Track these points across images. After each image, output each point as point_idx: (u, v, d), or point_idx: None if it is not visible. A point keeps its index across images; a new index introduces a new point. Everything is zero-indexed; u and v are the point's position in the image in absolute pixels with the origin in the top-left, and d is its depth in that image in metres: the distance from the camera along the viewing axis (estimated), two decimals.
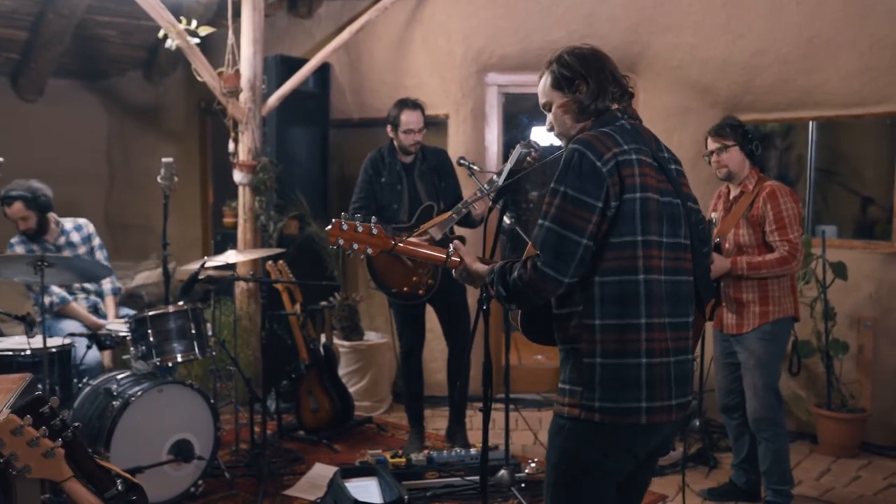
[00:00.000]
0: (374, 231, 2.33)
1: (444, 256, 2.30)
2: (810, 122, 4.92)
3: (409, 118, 4.35)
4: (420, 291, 4.27)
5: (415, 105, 4.40)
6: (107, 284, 4.74)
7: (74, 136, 7.11)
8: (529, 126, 6.72)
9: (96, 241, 4.76)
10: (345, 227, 2.33)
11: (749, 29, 4.89)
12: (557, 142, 2.28)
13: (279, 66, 5.52)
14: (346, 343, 5.29)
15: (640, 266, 1.98)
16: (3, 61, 6.53)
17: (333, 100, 6.01)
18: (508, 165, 2.54)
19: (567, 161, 1.99)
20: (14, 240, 4.55)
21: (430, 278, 4.25)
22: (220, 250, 5.77)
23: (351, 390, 5.05)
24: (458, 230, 4.34)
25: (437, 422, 5.04)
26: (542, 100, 2.23)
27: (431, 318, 4.65)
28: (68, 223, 4.70)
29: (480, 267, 2.23)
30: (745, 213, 3.69)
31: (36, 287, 4.26)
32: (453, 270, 2.31)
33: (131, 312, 4.55)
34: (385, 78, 5.76)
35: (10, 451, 1.77)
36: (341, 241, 2.33)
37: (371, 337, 5.49)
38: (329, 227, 2.33)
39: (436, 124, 5.57)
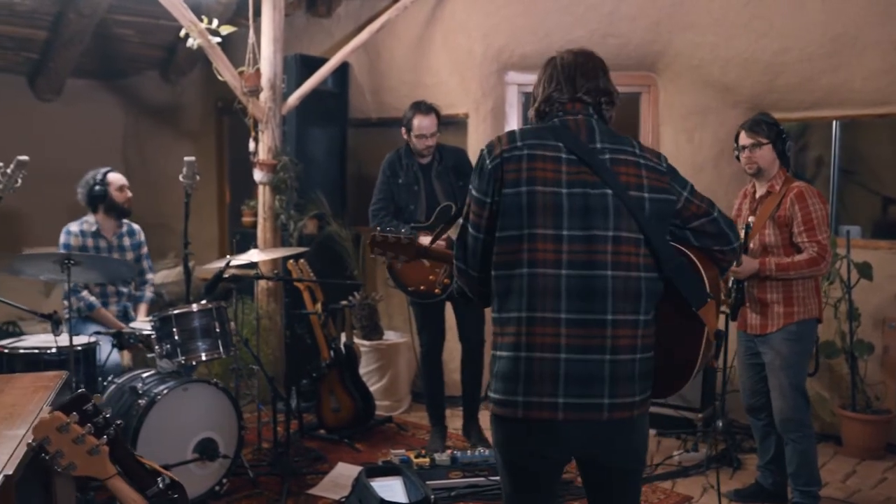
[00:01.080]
0: (405, 240, 2.54)
1: None
2: (834, 122, 4.89)
3: (421, 123, 4.36)
4: (436, 290, 4.27)
5: (428, 110, 4.39)
6: (148, 292, 4.75)
7: (91, 135, 7.12)
8: None
9: (144, 249, 4.78)
10: (378, 238, 2.54)
11: (772, 27, 4.86)
12: None
13: (299, 66, 5.52)
14: (365, 342, 5.28)
15: (525, 259, 1.98)
16: (22, 61, 6.55)
17: (352, 99, 6.01)
18: None
19: (476, 161, 2.12)
20: (73, 227, 4.52)
21: (446, 277, 4.27)
22: (239, 250, 5.78)
23: (371, 390, 5.05)
24: None
25: (456, 421, 5.02)
26: None
27: (451, 317, 4.65)
28: (125, 225, 4.70)
29: None
30: (772, 214, 3.67)
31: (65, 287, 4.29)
32: None
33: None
34: (404, 77, 5.75)
35: (55, 449, 1.76)
36: (378, 251, 2.54)
37: (390, 336, 5.49)
38: (367, 242, 2.57)
39: (455, 123, 5.56)
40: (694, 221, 2.11)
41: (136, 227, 4.77)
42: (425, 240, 3.87)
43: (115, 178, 4.60)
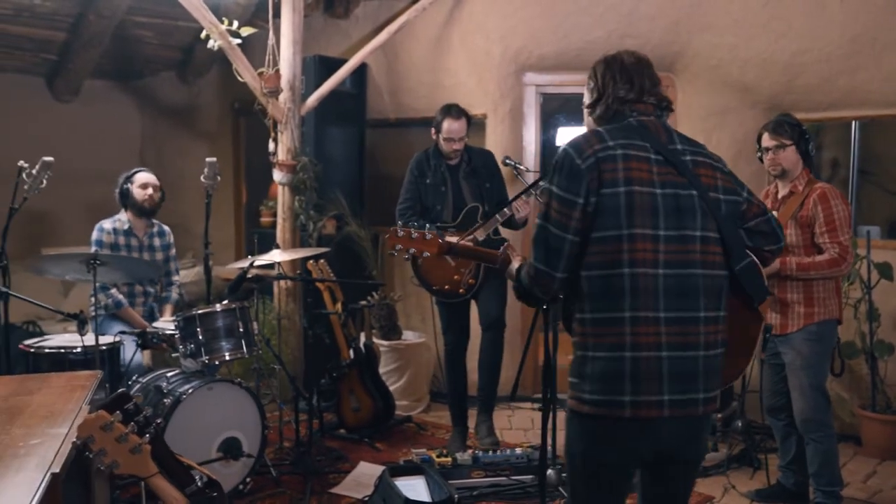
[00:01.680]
0: (429, 236, 2.47)
1: (497, 257, 2.39)
2: (853, 122, 4.89)
3: (451, 126, 4.38)
4: (461, 290, 4.33)
5: (459, 114, 4.42)
6: (174, 293, 4.78)
7: (108, 136, 7.18)
8: (567, 126, 6.70)
9: (173, 251, 4.81)
10: (401, 233, 2.47)
11: (791, 28, 4.86)
12: None
13: (317, 67, 5.55)
14: (384, 342, 5.30)
15: (626, 259, 1.99)
16: (40, 62, 6.60)
17: (370, 100, 6.03)
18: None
19: (556, 161, 2.09)
20: (106, 224, 4.54)
21: (471, 278, 4.31)
22: (258, 250, 5.81)
23: (390, 389, 5.06)
24: (503, 232, 4.39)
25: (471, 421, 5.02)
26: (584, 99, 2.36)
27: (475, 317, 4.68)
28: (156, 226, 4.74)
29: (515, 265, 2.33)
30: (794, 214, 3.66)
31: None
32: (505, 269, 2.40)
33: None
34: (422, 78, 5.77)
35: (99, 447, 1.79)
36: (399, 247, 2.47)
37: (409, 336, 5.51)
38: (387, 236, 2.48)
39: (473, 124, 5.57)
40: (751, 221, 2.19)
41: (166, 228, 4.81)
42: (451, 239, 3.93)
43: (140, 176, 4.63)
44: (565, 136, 7.73)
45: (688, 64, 5.22)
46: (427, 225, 2.51)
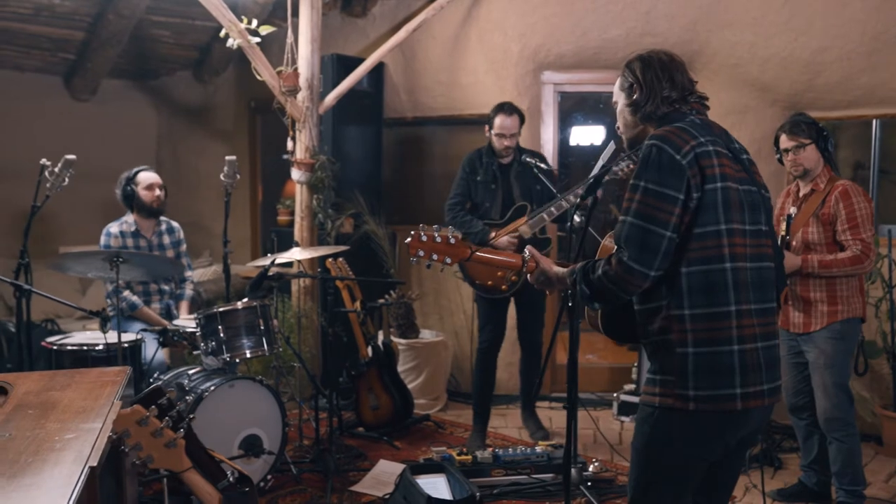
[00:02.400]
0: (452, 241, 2.38)
1: (520, 262, 2.37)
2: (874, 121, 4.86)
3: (503, 122, 4.44)
4: (503, 287, 4.41)
5: (511, 110, 4.48)
6: (188, 290, 4.79)
7: (125, 135, 7.21)
8: (585, 125, 6.71)
9: (183, 247, 4.80)
10: (423, 238, 2.36)
11: (811, 25, 4.84)
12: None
13: (335, 65, 5.55)
14: (402, 341, 5.31)
15: (727, 254, 2.02)
16: (59, 61, 6.63)
17: (387, 98, 6.04)
18: (601, 161, 2.54)
19: (646, 156, 2.04)
20: (113, 228, 4.54)
21: (514, 275, 4.33)
22: (274, 248, 5.82)
23: None
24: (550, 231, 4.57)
25: (494, 420, 5.02)
26: (613, 98, 2.35)
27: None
28: (164, 223, 4.72)
29: (559, 270, 2.29)
30: (816, 212, 3.65)
31: (109, 285, 4.34)
32: (529, 275, 2.37)
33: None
34: (440, 77, 5.77)
35: (135, 441, 1.79)
36: (421, 253, 2.38)
37: (426, 335, 5.51)
38: (408, 239, 2.37)
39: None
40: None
41: (175, 224, 4.79)
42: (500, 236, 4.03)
43: (144, 177, 4.57)
44: (579, 134, 7.72)
45: (706, 62, 5.20)
46: (451, 228, 2.42)
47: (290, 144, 5.28)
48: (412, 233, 2.37)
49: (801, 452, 3.95)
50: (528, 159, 4.41)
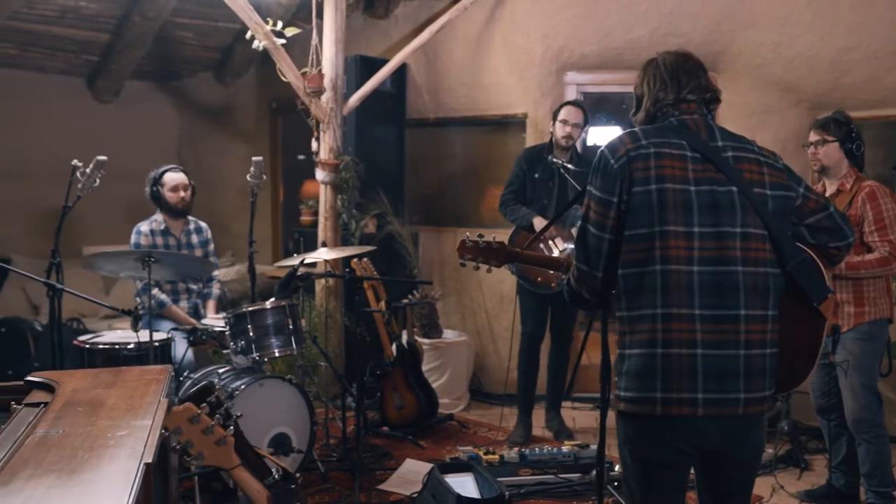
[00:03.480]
0: (495, 245, 2.61)
1: (560, 263, 2.52)
2: None
3: (567, 111, 4.57)
4: (553, 284, 4.48)
5: (576, 103, 4.65)
6: (215, 289, 4.82)
7: (146, 136, 7.25)
8: (607, 125, 6.69)
9: (211, 247, 4.83)
10: (469, 244, 2.59)
11: (836, 25, 4.83)
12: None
13: (358, 67, 5.58)
14: (425, 340, 5.33)
15: (657, 256, 1.99)
16: (82, 63, 6.69)
17: (409, 99, 6.06)
18: None
19: (594, 163, 2.13)
20: (143, 226, 4.57)
21: (563, 272, 4.43)
22: (297, 249, 5.86)
23: None
24: None
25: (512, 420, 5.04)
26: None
27: None
28: (192, 223, 4.75)
29: None
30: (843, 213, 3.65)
31: (139, 283, 4.38)
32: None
33: None
34: (462, 77, 5.79)
35: (186, 439, 1.82)
36: (468, 257, 2.60)
37: (448, 335, 5.52)
38: (457, 246, 2.61)
39: (513, 123, 5.60)
40: (810, 217, 2.13)
41: (203, 224, 4.83)
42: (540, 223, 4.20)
43: (170, 178, 4.59)
44: (597, 136, 7.72)
45: (730, 62, 5.20)
46: (493, 236, 2.62)
47: (314, 145, 5.31)
48: (460, 240, 2.60)
49: (830, 454, 3.93)
50: (554, 160, 4.43)
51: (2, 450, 1.74)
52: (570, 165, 4.34)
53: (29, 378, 2.31)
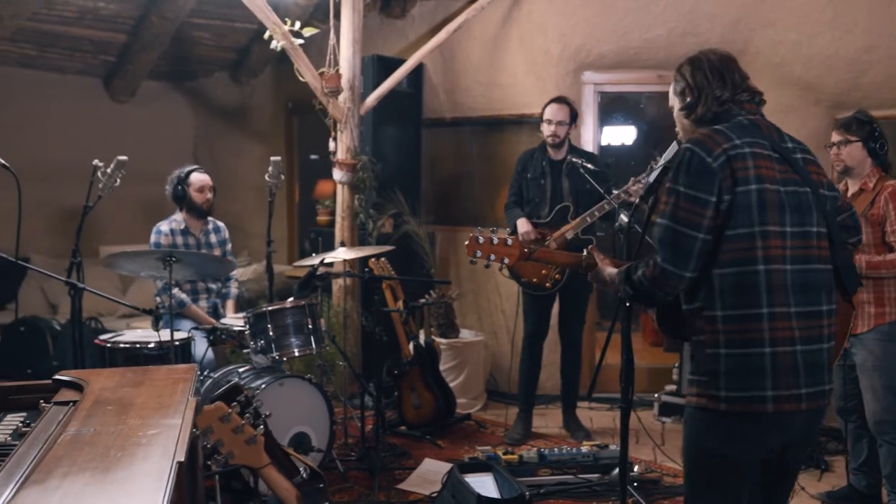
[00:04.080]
0: (509, 242, 2.49)
1: (580, 262, 2.42)
2: None
3: (550, 109, 4.59)
4: (547, 284, 4.52)
5: (560, 100, 4.63)
6: (234, 289, 4.83)
7: (162, 136, 7.29)
8: (624, 125, 6.68)
9: (228, 246, 4.85)
10: (481, 240, 2.49)
11: (856, 24, 4.80)
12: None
13: (375, 66, 5.59)
14: (442, 340, 5.33)
15: (759, 256, 2.02)
16: (99, 63, 6.73)
17: (426, 99, 6.07)
18: (662, 161, 2.54)
19: (679, 161, 2.09)
20: (163, 226, 4.59)
21: (557, 273, 4.50)
22: (314, 249, 5.87)
23: None
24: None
25: (535, 420, 5.02)
26: (669, 103, 2.37)
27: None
28: (210, 222, 4.78)
29: (612, 270, 2.34)
30: (865, 212, 3.62)
31: (159, 283, 4.40)
32: (588, 274, 2.43)
33: None
34: (479, 77, 5.79)
35: (217, 438, 1.82)
36: (479, 254, 2.50)
37: (465, 334, 5.53)
38: (467, 242, 2.50)
39: (530, 123, 5.58)
40: (840, 215, 2.24)
41: (220, 224, 4.85)
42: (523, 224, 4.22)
43: (197, 179, 4.63)
44: (609, 134, 7.70)
45: (749, 62, 5.14)
46: (507, 230, 2.54)
47: (331, 145, 5.32)
48: (470, 235, 2.49)
49: (850, 455, 3.91)
50: (574, 159, 4.43)
51: (34, 447, 1.75)
52: (589, 165, 4.33)
53: (57, 377, 2.32)
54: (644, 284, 2.11)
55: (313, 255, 4.53)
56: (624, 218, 3.84)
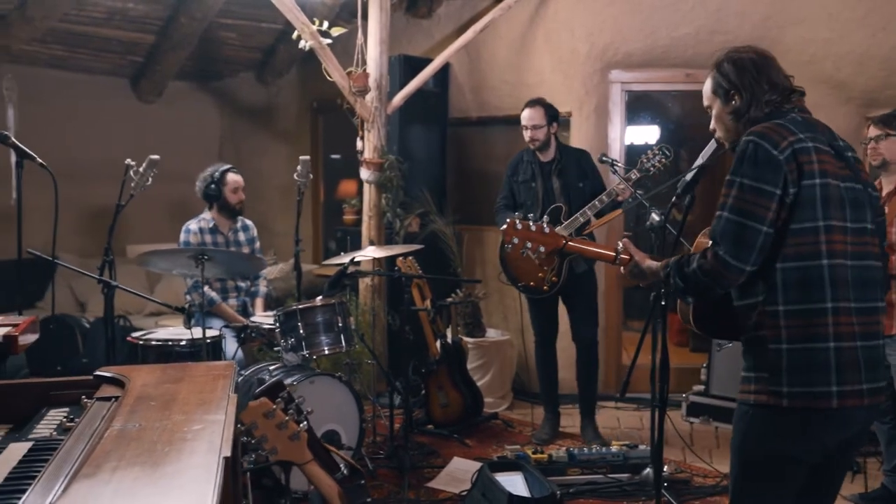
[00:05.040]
0: (546, 230, 2.43)
1: (613, 254, 2.38)
2: None
3: (523, 115, 4.54)
4: (544, 287, 4.43)
5: (533, 102, 4.55)
6: (262, 287, 4.87)
7: (188, 136, 7.34)
8: (652, 124, 6.65)
9: (257, 244, 4.89)
10: (519, 226, 2.43)
11: (889, 22, 4.76)
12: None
13: (402, 66, 5.60)
14: (469, 339, 5.33)
15: (824, 251, 2.01)
16: (127, 64, 6.79)
17: (452, 98, 6.07)
18: (701, 159, 2.53)
19: (742, 152, 2.05)
20: (192, 225, 4.64)
21: (554, 275, 4.39)
22: (341, 247, 5.89)
23: None
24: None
25: (566, 419, 5.01)
26: (704, 102, 2.33)
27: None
28: (239, 221, 4.81)
29: (652, 263, 2.30)
30: None
31: (189, 280, 4.44)
32: (622, 267, 2.39)
33: None
34: (506, 76, 5.78)
35: (261, 433, 1.84)
36: (516, 240, 2.43)
37: (492, 334, 5.52)
38: (504, 226, 2.44)
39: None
40: (878, 217, 2.24)
41: (248, 222, 4.89)
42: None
43: (232, 179, 4.69)
44: (632, 133, 7.67)
45: (779, 59, 5.10)
46: (545, 218, 2.48)
47: (359, 144, 5.34)
48: (508, 220, 2.44)
49: (884, 457, 3.88)
50: (604, 157, 4.41)
51: (81, 442, 1.77)
52: (619, 163, 4.31)
53: (98, 372, 2.35)
54: (699, 277, 2.07)
55: (341, 254, 4.54)
56: (656, 217, 3.84)
